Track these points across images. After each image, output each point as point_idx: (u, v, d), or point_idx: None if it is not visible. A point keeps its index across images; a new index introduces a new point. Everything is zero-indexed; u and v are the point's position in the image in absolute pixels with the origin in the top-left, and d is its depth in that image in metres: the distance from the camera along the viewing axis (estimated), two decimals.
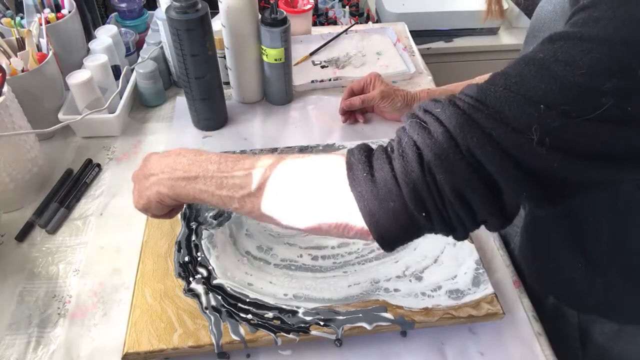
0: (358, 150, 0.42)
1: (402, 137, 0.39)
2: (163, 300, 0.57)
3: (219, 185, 0.47)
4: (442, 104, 0.38)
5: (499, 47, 1.40)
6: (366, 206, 0.39)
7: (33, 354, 0.55)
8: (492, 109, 0.35)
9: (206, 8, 0.71)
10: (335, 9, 1.40)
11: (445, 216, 0.37)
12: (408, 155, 0.37)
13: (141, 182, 0.53)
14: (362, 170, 0.40)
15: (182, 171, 0.49)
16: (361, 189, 0.39)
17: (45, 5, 0.85)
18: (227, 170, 0.47)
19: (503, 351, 0.56)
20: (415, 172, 0.37)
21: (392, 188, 0.38)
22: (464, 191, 0.36)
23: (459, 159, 0.35)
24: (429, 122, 0.38)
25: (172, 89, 0.95)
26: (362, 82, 0.84)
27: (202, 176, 0.48)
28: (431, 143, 0.36)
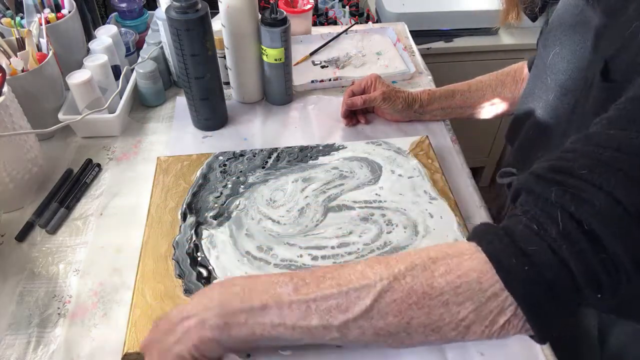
0: (498, 238, 0.35)
1: (551, 212, 0.33)
2: (163, 300, 0.57)
3: (303, 313, 0.36)
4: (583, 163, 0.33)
5: (499, 47, 1.40)
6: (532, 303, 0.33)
7: (33, 354, 0.55)
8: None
9: (206, 8, 0.71)
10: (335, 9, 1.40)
11: (616, 286, 0.33)
12: (572, 233, 0.32)
13: (163, 342, 0.39)
14: (517, 263, 0.33)
15: (238, 302, 0.37)
16: (522, 286, 0.33)
17: (45, 5, 0.85)
18: (311, 290, 0.36)
19: (503, 351, 0.56)
20: (587, 251, 0.32)
21: (561, 276, 0.32)
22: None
23: (631, 223, 0.31)
24: (579, 187, 0.33)
25: (172, 89, 0.95)
26: (363, 83, 0.84)
27: (273, 304, 0.37)
28: (595, 213, 0.32)
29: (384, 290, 0.35)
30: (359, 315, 0.35)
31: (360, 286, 0.36)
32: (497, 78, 0.82)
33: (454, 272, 0.34)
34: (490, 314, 0.34)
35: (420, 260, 0.36)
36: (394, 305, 0.35)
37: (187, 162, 0.74)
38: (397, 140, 0.78)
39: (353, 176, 0.72)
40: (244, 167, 0.74)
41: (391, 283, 0.35)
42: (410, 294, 0.35)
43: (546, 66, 0.60)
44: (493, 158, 1.76)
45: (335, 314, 0.36)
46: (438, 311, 0.34)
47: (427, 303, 0.34)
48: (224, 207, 0.68)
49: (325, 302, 0.36)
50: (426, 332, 0.35)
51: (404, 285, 0.35)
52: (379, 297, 0.35)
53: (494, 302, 0.34)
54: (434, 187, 0.70)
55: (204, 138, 0.84)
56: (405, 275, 0.35)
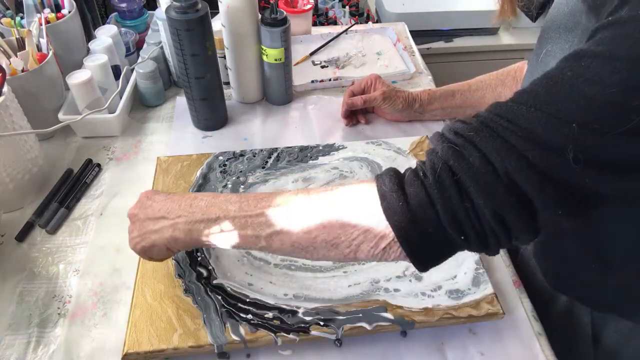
0: (389, 179, 0.41)
1: (436, 162, 0.39)
2: (163, 300, 0.57)
3: (242, 225, 0.46)
4: (474, 127, 0.38)
5: (499, 47, 1.40)
6: (404, 234, 0.39)
7: (33, 354, 0.55)
8: (525, 130, 0.36)
9: (206, 8, 0.71)
10: (335, 9, 1.40)
11: (481, 236, 0.38)
12: (445, 181, 0.38)
13: (144, 224, 0.51)
14: (396, 199, 0.40)
15: (200, 214, 0.48)
16: (398, 218, 0.39)
17: (45, 5, 0.85)
18: (249, 209, 0.46)
19: (503, 351, 0.56)
20: (453, 198, 0.37)
21: (430, 215, 0.38)
22: (502, 213, 0.36)
23: (497, 183, 0.36)
24: (462, 146, 0.38)
25: (172, 89, 0.95)
26: (363, 83, 0.84)
27: (222, 217, 0.47)
28: (468, 168, 0.37)
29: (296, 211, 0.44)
30: (279, 230, 0.45)
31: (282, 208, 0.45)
32: (498, 77, 0.82)
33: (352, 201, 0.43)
34: (375, 237, 0.41)
35: (332, 194, 0.44)
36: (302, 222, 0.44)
37: (187, 162, 0.74)
38: (397, 140, 0.78)
39: (353, 176, 0.72)
40: (244, 167, 0.74)
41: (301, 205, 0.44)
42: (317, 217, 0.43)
43: (538, 64, 0.60)
44: None
45: (263, 227, 0.45)
46: (336, 231, 0.42)
47: (329, 224, 0.43)
48: None
49: (257, 219, 0.45)
50: (328, 247, 0.43)
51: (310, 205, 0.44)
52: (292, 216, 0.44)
53: (378, 228, 0.41)
54: None
55: (204, 138, 0.84)
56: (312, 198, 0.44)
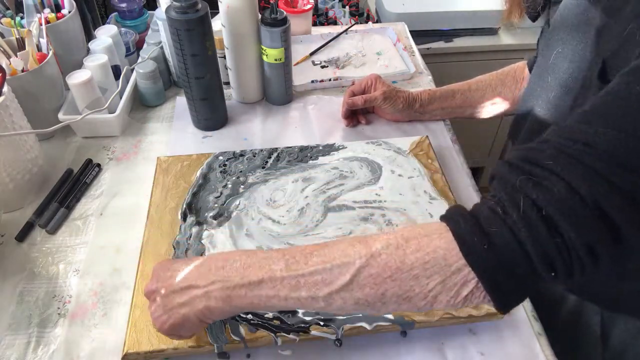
0: (464, 220, 0.38)
1: (514, 197, 0.36)
2: None
3: (293, 286, 0.41)
4: (550, 154, 0.36)
5: (499, 47, 1.40)
6: (491, 279, 0.37)
7: (33, 354, 0.55)
8: (605, 153, 0.34)
9: (206, 8, 0.71)
10: (335, 9, 1.40)
11: (569, 268, 0.36)
12: (531, 218, 0.35)
13: (169, 299, 0.46)
14: (479, 242, 0.36)
15: (238, 277, 0.43)
16: (483, 263, 0.37)
17: (45, 5, 0.85)
18: (300, 267, 0.41)
19: (503, 351, 0.56)
20: (543, 235, 0.35)
21: (519, 256, 0.36)
22: (594, 244, 0.34)
23: (586, 213, 0.34)
24: (543, 176, 0.36)
25: (172, 89, 0.95)
26: (363, 84, 0.84)
27: (268, 279, 0.42)
28: (554, 201, 0.34)
29: (362, 267, 0.40)
30: (341, 288, 0.40)
31: (342, 263, 0.40)
32: (498, 77, 0.82)
33: (424, 249, 0.38)
34: (455, 286, 0.38)
35: (395, 240, 0.40)
36: (371, 279, 0.39)
37: (187, 162, 0.74)
38: (397, 140, 0.78)
39: (353, 176, 0.72)
40: (244, 167, 0.74)
41: (368, 260, 0.40)
42: (385, 269, 0.39)
43: (548, 65, 0.60)
44: (493, 158, 1.76)
45: (320, 287, 0.41)
46: (409, 283, 0.39)
47: (400, 277, 0.39)
48: (224, 207, 0.68)
49: (312, 277, 0.41)
50: (399, 302, 0.40)
51: (379, 261, 0.39)
52: (357, 272, 0.40)
53: (458, 276, 0.37)
54: (434, 187, 0.70)
55: (204, 138, 0.84)
56: (380, 253, 0.39)
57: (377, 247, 0.40)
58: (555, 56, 0.58)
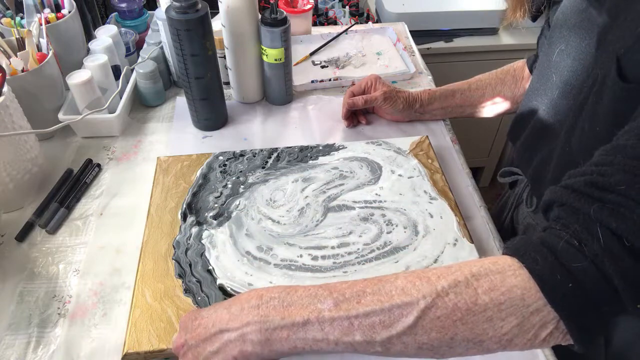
0: (540, 255, 0.35)
1: (591, 227, 0.34)
2: (163, 300, 0.57)
3: (345, 330, 0.36)
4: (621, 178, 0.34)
5: (499, 47, 1.40)
6: (577, 320, 0.34)
7: (33, 354, 0.55)
8: None
9: (206, 8, 0.71)
10: (335, 9, 1.40)
11: None
12: (613, 249, 0.33)
13: (199, 349, 0.41)
14: (562, 281, 0.34)
15: (279, 317, 0.37)
16: (569, 303, 0.34)
17: (45, 5, 0.85)
18: (352, 306, 0.36)
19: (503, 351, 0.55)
20: (630, 267, 0.32)
21: (605, 291, 0.33)
22: None
23: None
24: (618, 202, 0.34)
25: (172, 89, 0.95)
26: (363, 84, 0.84)
27: (314, 320, 0.37)
28: (636, 228, 0.32)
29: (427, 308, 0.35)
30: (403, 332, 0.36)
31: (403, 303, 0.36)
32: (497, 77, 0.82)
33: (498, 289, 0.35)
34: (533, 327, 0.35)
35: (463, 277, 0.36)
36: (438, 321, 0.35)
37: (187, 162, 0.74)
38: (397, 140, 0.78)
39: (353, 176, 0.72)
40: (244, 167, 0.74)
41: (434, 300, 0.36)
42: (455, 311, 0.35)
43: (551, 64, 0.60)
44: (493, 158, 1.76)
45: (378, 330, 0.36)
46: (482, 326, 0.35)
47: (471, 319, 0.35)
48: (224, 207, 0.68)
49: (368, 319, 0.36)
50: (469, 346, 0.36)
51: (447, 302, 0.35)
52: (422, 314, 0.35)
53: (537, 317, 0.34)
54: (434, 187, 0.70)
55: (204, 138, 0.84)
56: (448, 293, 0.36)
57: (443, 284, 0.36)
58: (558, 54, 0.58)
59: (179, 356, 0.44)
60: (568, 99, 0.58)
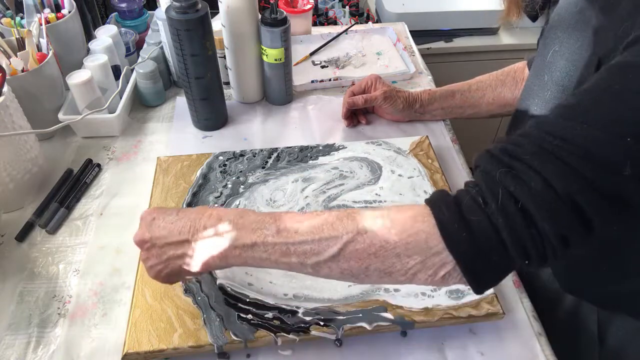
0: (446, 206, 0.40)
1: (494, 188, 0.38)
2: (163, 300, 0.57)
3: (284, 252, 0.44)
4: (529, 150, 0.38)
5: (499, 47, 1.40)
6: (468, 264, 0.39)
7: (33, 354, 0.55)
8: (580, 148, 0.36)
9: (206, 8, 0.71)
10: (335, 9, 1.40)
11: (542, 256, 0.38)
12: (508, 209, 0.37)
13: (163, 250, 0.48)
14: (459, 229, 0.39)
15: (233, 239, 0.45)
16: (461, 248, 0.39)
17: (45, 5, 0.85)
18: (290, 235, 0.44)
19: (503, 351, 0.56)
20: (519, 225, 0.37)
21: (495, 244, 0.38)
22: (567, 234, 0.37)
23: (561, 206, 0.36)
24: (521, 170, 0.37)
25: (172, 89, 0.95)
26: (363, 84, 0.84)
27: (260, 243, 0.44)
28: (530, 194, 0.36)
29: (349, 242, 0.42)
30: (328, 259, 0.43)
31: (330, 236, 0.43)
32: (497, 78, 0.82)
33: (407, 231, 0.41)
34: (434, 266, 0.40)
35: (381, 219, 0.42)
36: (356, 253, 0.42)
37: (187, 162, 0.74)
38: (397, 140, 0.78)
39: (353, 176, 0.72)
40: (244, 167, 0.74)
41: (355, 236, 0.42)
42: (370, 246, 0.41)
43: (545, 64, 0.60)
44: None
45: (309, 255, 0.43)
46: (391, 260, 0.41)
47: (383, 254, 0.41)
48: (224, 207, 0.68)
49: (301, 247, 0.43)
50: (381, 275, 0.42)
51: (365, 238, 0.42)
52: (344, 246, 0.42)
53: (437, 258, 0.40)
54: (434, 187, 0.70)
55: (204, 138, 0.84)
56: (367, 231, 0.42)
57: (363, 224, 0.42)
58: (552, 55, 0.58)
59: (141, 249, 0.50)
60: (559, 99, 0.58)
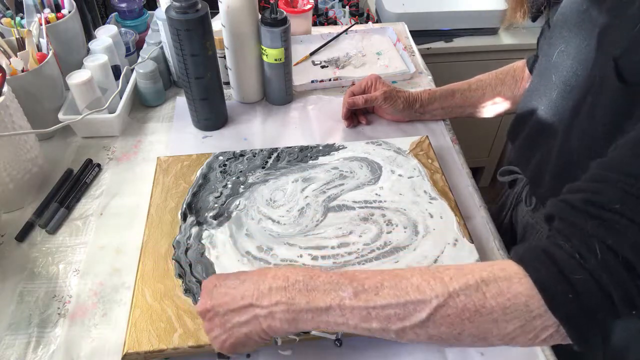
0: (543, 265, 0.38)
1: (589, 243, 0.37)
2: (163, 300, 0.57)
3: (364, 317, 0.40)
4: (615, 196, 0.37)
5: (499, 47, 1.40)
6: (574, 324, 0.37)
7: (33, 354, 0.55)
8: None
9: (206, 8, 0.71)
10: (335, 9, 1.40)
11: None
12: (609, 263, 0.36)
13: (226, 318, 0.45)
14: (562, 291, 0.37)
15: (304, 301, 0.41)
16: (566, 310, 0.37)
17: (45, 5, 0.85)
18: (371, 299, 0.40)
19: (503, 351, 0.56)
20: (624, 279, 0.36)
21: (601, 301, 0.36)
22: None
23: None
24: (614, 220, 0.37)
25: (172, 89, 0.95)
26: (363, 84, 0.84)
27: (336, 307, 0.41)
28: (630, 245, 0.36)
29: (439, 306, 0.39)
30: (415, 325, 0.39)
31: (417, 300, 0.39)
32: (497, 77, 0.82)
33: (504, 294, 0.38)
34: (534, 329, 0.38)
35: (474, 281, 0.39)
36: (448, 319, 0.39)
37: (187, 162, 0.74)
38: (397, 140, 0.78)
39: (353, 176, 0.72)
40: (244, 167, 0.74)
41: (446, 300, 0.39)
42: (464, 311, 0.38)
43: (551, 64, 0.60)
44: (493, 158, 1.76)
45: (393, 320, 0.40)
46: (487, 326, 0.38)
47: (478, 319, 0.38)
48: (224, 207, 0.68)
49: (384, 311, 0.40)
50: (474, 340, 0.39)
51: (457, 302, 0.39)
52: (434, 311, 0.39)
53: (539, 321, 0.38)
54: (434, 187, 0.70)
55: (204, 138, 0.84)
56: (459, 294, 0.39)
57: (454, 286, 0.39)
58: (558, 54, 0.58)
59: (203, 319, 0.47)
60: (567, 99, 0.58)
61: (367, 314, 0.40)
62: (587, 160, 0.48)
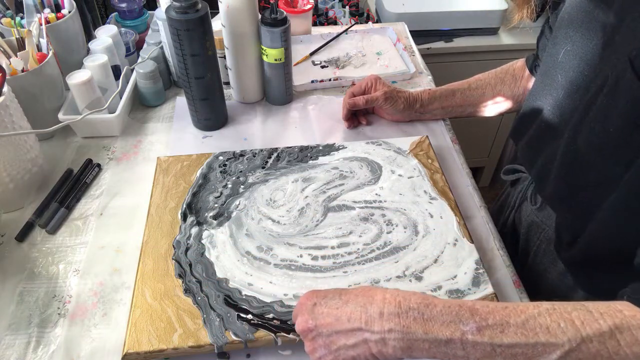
0: None
1: None
2: (163, 300, 0.57)
3: (488, 353, 0.39)
4: None
5: (499, 47, 1.40)
6: None
7: (33, 354, 0.55)
8: None
9: (206, 8, 0.71)
10: (335, 9, 1.40)
11: None
12: None
13: (332, 339, 0.44)
14: None
15: (421, 331, 0.40)
16: None
17: (45, 5, 0.85)
18: (496, 335, 0.39)
19: None
20: None
21: None
22: None
23: None
24: None
25: (172, 89, 0.95)
26: (363, 85, 0.84)
27: (457, 340, 0.40)
28: None
29: (571, 350, 0.38)
30: None
31: (548, 342, 0.39)
32: (497, 76, 0.82)
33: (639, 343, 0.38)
34: None
35: (607, 328, 0.38)
36: None
37: (187, 162, 0.74)
38: (397, 140, 0.78)
39: (353, 176, 0.72)
40: (244, 167, 0.74)
41: (579, 345, 0.38)
42: (596, 357, 0.38)
43: (557, 64, 0.60)
44: (493, 158, 1.76)
45: (520, 359, 0.39)
46: None
47: None
48: (224, 207, 0.68)
49: (511, 350, 0.39)
50: None
51: (591, 349, 0.38)
52: (566, 355, 0.38)
53: None
54: (434, 187, 0.70)
55: (204, 138, 0.84)
56: (592, 340, 0.38)
57: (588, 332, 0.38)
58: (564, 55, 0.58)
59: (304, 339, 0.46)
60: (574, 99, 0.58)
61: (492, 351, 0.39)
62: (596, 160, 0.48)
